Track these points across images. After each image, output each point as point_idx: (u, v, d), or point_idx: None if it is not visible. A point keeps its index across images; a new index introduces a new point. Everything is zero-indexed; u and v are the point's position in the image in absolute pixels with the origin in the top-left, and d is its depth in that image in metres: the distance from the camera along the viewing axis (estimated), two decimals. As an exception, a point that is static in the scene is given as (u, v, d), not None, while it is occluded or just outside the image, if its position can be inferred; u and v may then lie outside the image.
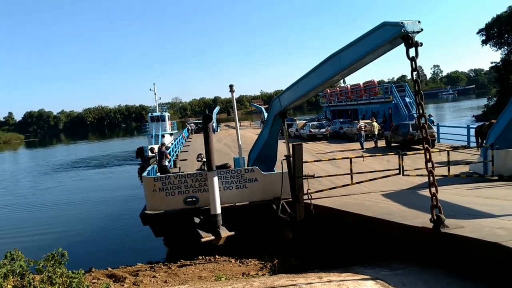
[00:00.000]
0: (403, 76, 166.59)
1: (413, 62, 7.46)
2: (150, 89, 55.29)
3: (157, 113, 52.06)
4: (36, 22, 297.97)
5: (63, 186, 36.64)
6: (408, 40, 7.56)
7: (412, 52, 7.52)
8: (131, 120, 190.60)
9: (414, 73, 7.47)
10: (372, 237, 10.33)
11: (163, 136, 46.88)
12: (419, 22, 7.72)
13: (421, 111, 7.50)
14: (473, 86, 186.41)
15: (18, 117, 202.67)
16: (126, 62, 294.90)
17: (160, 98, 58.22)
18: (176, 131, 55.50)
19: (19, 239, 18.36)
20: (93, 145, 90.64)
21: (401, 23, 7.67)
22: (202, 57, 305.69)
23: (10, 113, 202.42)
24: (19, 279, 4.85)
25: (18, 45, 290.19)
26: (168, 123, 52.26)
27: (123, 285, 9.88)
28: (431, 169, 7.41)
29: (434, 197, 7.33)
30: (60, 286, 4.83)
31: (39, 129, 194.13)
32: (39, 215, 24.84)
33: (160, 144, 22.20)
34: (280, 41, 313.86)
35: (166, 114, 53.61)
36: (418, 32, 7.64)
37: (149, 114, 54.19)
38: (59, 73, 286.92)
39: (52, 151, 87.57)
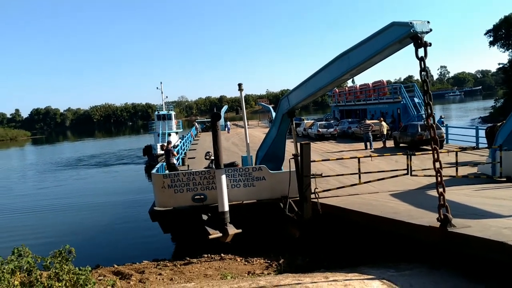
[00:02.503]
0: (410, 77, 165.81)
1: (422, 62, 7.48)
2: (157, 88, 55.72)
3: (164, 112, 52.30)
4: (44, 20, 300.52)
5: (69, 184, 36.89)
6: (417, 40, 7.58)
7: (421, 52, 7.54)
8: (137, 118, 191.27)
9: (423, 73, 7.49)
10: (379, 237, 10.35)
11: (169, 134, 47.05)
12: (428, 22, 7.74)
13: (429, 111, 7.52)
14: (480, 87, 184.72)
15: (25, 114, 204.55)
16: (132, 61, 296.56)
17: (167, 96, 58.54)
18: (181, 129, 55.69)
19: (26, 237, 18.50)
20: (100, 143, 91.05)
21: (410, 23, 7.69)
22: (208, 56, 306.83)
23: (17, 110, 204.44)
24: (26, 275, 4.89)
25: (26, 42, 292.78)
26: (174, 121, 52.50)
27: (129, 283, 9.97)
28: (439, 168, 7.42)
29: (442, 197, 7.34)
30: (67, 283, 4.87)
31: (46, 126, 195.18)
32: (46, 213, 25.04)
33: (166, 143, 22.36)
34: (286, 39, 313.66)
35: (172, 113, 53.87)
36: (427, 32, 7.66)
37: (156, 112, 54.47)
38: (66, 71, 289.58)
39: (58, 148, 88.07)
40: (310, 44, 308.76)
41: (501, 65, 65.89)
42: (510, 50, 62.22)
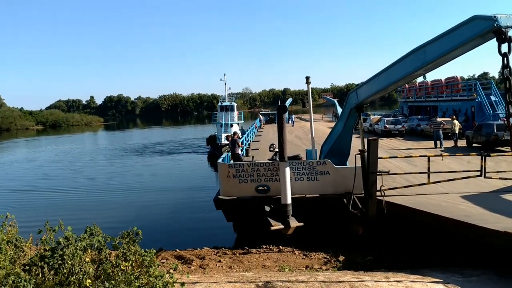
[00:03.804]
0: (485, 73, 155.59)
1: (505, 59, 7.05)
2: (221, 79, 56.44)
3: (226, 103, 53.19)
4: (120, 11, 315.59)
5: (135, 169, 38.43)
6: (501, 35, 7.15)
7: (504, 47, 7.11)
8: (203, 108, 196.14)
9: (506, 70, 7.06)
10: (446, 240, 9.97)
11: (231, 125, 47.79)
12: (513, 16, 7.28)
13: (511, 110, 7.08)
14: None
15: (99, 101, 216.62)
16: (201, 52, 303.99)
17: (230, 88, 59.22)
18: (243, 121, 56.26)
19: (96, 218, 19.09)
20: (166, 131, 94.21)
21: (494, 17, 7.27)
22: (273, 49, 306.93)
23: (91, 97, 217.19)
24: (96, 253, 5.15)
25: (103, 33, 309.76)
26: (235, 113, 53.20)
27: (190, 267, 10.35)
28: (519, 172, 6.99)
29: (521, 202, 6.94)
30: (133, 263, 5.09)
31: (117, 113, 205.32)
32: (113, 196, 26.27)
33: (232, 133, 22.76)
34: (354, 33, 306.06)
35: (234, 104, 54.59)
36: (511, 27, 7.21)
37: (219, 103, 55.47)
38: (138, 61, 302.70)
39: (128, 135, 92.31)
40: (378, 38, 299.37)
41: None
42: None
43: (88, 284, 4.73)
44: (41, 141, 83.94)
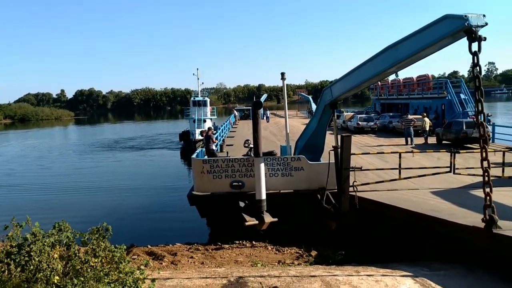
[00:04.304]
0: (455, 72, 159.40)
1: (476, 57, 7.22)
2: (194, 74, 55.63)
3: (199, 98, 52.73)
4: (90, 4, 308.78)
5: (106, 165, 37.66)
6: (472, 34, 7.31)
7: (475, 46, 7.27)
8: (176, 103, 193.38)
9: (476, 68, 7.23)
10: (416, 235, 10.17)
11: (204, 120, 47.46)
12: (483, 16, 7.44)
13: (480, 108, 7.26)
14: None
15: (69, 94, 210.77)
16: (174, 47, 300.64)
17: (202, 83, 58.56)
18: (216, 116, 55.97)
19: (65, 214, 18.55)
20: (138, 126, 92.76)
21: (465, 16, 7.41)
22: (248, 45, 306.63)
23: (62, 91, 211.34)
24: (65, 249, 5.05)
25: (71, 25, 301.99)
26: (208, 108, 52.86)
27: (161, 263, 10.24)
28: (487, 167, 7.18)
29: (488, 197, 7.12)
30: (103, 259, 5.02)
31: (89, 107, 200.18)
32: (83, 192, 25.67)
33: (207, 129, 22.59)
34: (327, 30, 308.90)
35: (207, 99, 54.22)
36: (482, 26, 7.37)
37: (191, 98, 54.91)
38: (110, 54, 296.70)
39: (99, 129, 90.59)
40: (350, 35, 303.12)
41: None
42: None
43: (56, 281, 4.61)
44: (8, 136, 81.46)
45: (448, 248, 8.97)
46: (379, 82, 45.75)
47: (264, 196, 12.49)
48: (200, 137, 35.46)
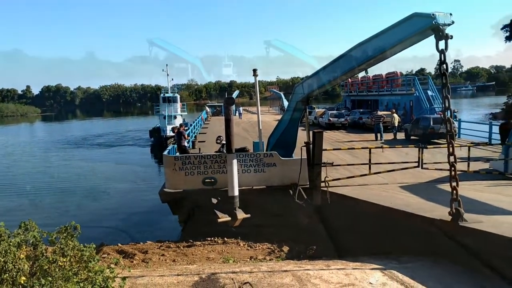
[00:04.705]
0: (422, 69, 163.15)
1: (442, 55, 7.40)
2: (163, 70, 54.86)
3: (169, 94, 52.18)
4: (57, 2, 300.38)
5: (74, 163, 36.98)
6: (439, 32, 7.49)
7: (441, 44, 7.46)
8: (146, 100, 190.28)
9: (443, 66, 7.41)
10: (386, 229, 10.37)
11: (175, 117, 46.98)
12: (450, 14, 7.63)
13: (447, 104, 7.45)
14: (493, 83, 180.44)
15: (35, 91, 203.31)
16: (144, 41, 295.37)
17: (172, 79, 57.78)
18: (186, 113, 55.51)
19: (31, 214, 18.40)
20: (108, 123, 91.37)
21: (433, 14, 7.59)
22: (220, 40, 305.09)
23: (28, 87, 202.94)
24: (32, 249, 4.94)
25: (36, 17, 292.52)
26: (179, 104, 52.37)
27: (132, 262, 10.13)
28: (453, 162, 7.39)
29: (455, 191, 7.33)
30: (72, 259, 4.93)
31: (56, 104, 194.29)
32: (50, 192, 25.15)
33: (178, 125, 22.37)
34: (301, 26, 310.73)
35: (178, 96, 53.72)
36: (449, 24, 7.57)
37: (161, 94, 54.31)
38: (78, 49, 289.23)
39: (67, 126, 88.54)
40: (322, 32, 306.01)
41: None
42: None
43: (22, 281, 4.49)
44: (-30, 133, 78.57)
45: (417, 241, 9.18)
46: (349, 79, 46.39)
47: (236, 193, 12.43)
48: (172, 134, 35.10)
